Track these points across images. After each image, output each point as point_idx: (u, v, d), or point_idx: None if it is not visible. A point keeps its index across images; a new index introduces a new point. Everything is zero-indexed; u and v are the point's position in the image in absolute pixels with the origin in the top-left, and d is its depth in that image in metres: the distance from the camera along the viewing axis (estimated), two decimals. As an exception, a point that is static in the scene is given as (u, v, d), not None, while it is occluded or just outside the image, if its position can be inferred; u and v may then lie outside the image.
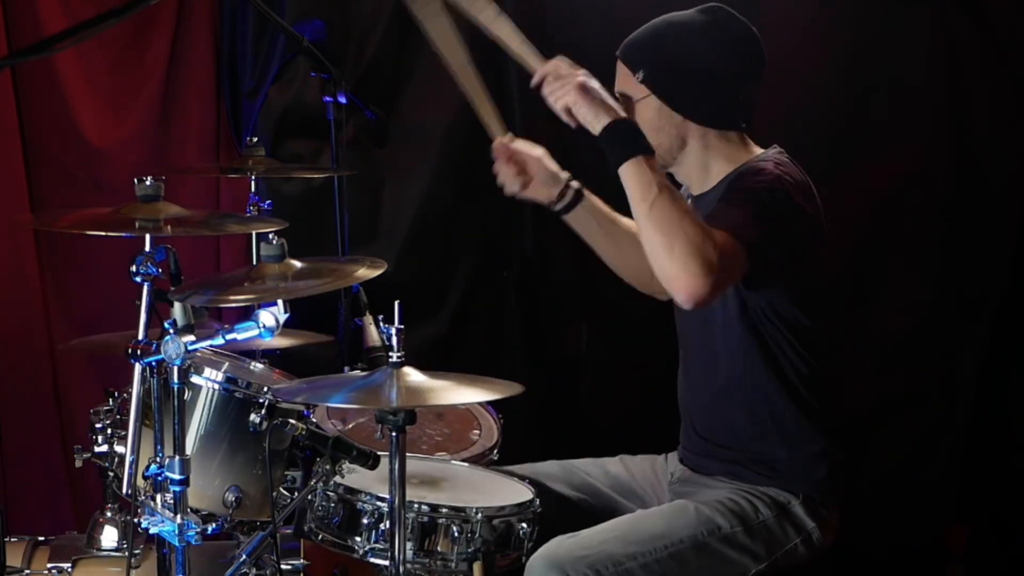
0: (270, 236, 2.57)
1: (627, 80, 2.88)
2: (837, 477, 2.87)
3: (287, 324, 2.37)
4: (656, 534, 2.73)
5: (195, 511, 2.53)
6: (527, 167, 3.08)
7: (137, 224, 2.82)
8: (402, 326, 2.52)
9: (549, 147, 4.32)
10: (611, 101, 2.72)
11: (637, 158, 2.63)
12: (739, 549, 2.77)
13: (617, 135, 2.67)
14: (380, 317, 2.85)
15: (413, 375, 2.54)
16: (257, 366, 3.14)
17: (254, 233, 3.69)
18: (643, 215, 2.60)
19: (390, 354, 2.55)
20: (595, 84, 2.73)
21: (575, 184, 3.10)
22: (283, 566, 2.99)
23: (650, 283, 3.06)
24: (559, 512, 2.92)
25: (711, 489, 2.87)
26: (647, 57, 2.85)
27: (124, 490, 2.76)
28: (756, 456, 2.86)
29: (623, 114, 2.70)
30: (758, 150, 2.90)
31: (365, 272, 2.66)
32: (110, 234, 2.85)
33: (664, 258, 2.56)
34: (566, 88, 2.72)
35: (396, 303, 2.53)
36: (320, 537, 2.80)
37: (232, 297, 2.62)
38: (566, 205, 3.10)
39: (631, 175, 2.63)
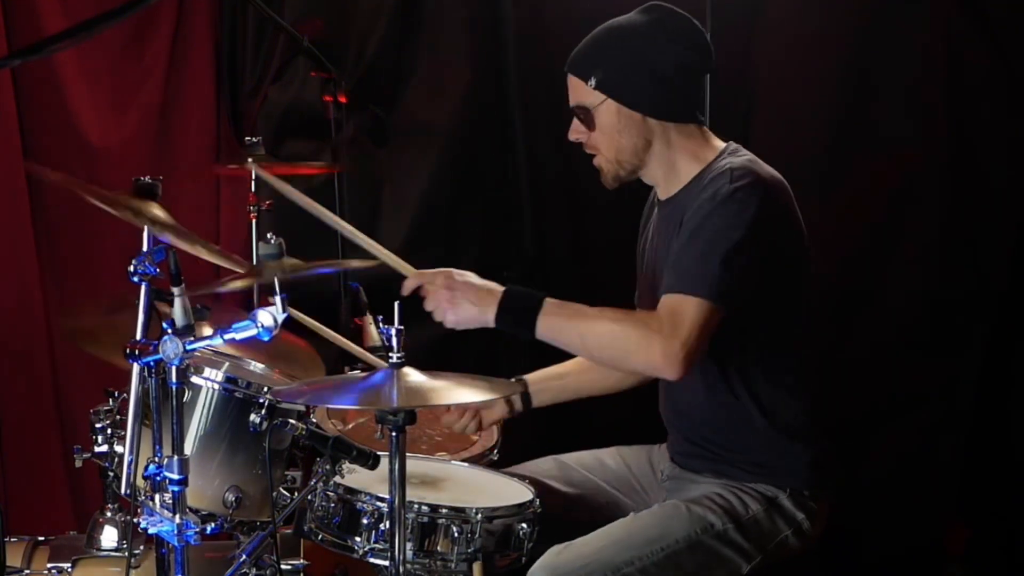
0: (269, 236, 2.57)
1: (580, 91, 2.88)
2: (822, 471, 2.87)
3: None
4: (651, 537, 2.74)
5: (195, 511, 2.53)
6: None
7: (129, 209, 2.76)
8: (402, 326, 2.52)
9: (551, 145, 4.37)
10: (481, 289, 2.77)
11: (539, 320, 2.72)
12: (732, 546, 2.77)
13: (510, 315, 2.75)
14: (380, 317, 2.84)
15: (413, 375, 2.54)
16: (257, 366, 3.14)
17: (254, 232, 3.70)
18: (585, 352, 2.79)
19: (390, 354, 2.54)
20: (458, 280, 2.77)
21: (512, 380, 3.14)
22: (283, 566, 2.99)
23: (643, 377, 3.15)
24: (558, 510, 2.92)
25: (700, 485, 2.89)
26: (595, 63, 2.86)
27: (124, 490, 2.75)
28: (741, 456, 2.87)
29: (497, 288, 2.76)
30: (720, 144, 2.89)
31: (359, 263, 2.65)
32: (98, 204, 2.79)
33: (631, 363, 2.75)
34: (438, 305, 2.76)
35: (396, 303, 2.53)
36: (320, 537, 2.79)
37: (230, 285, 2.60)
38: (524, 403, 3.16)
39: (547, 331, 2.73)
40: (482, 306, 2.75)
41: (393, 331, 2.53)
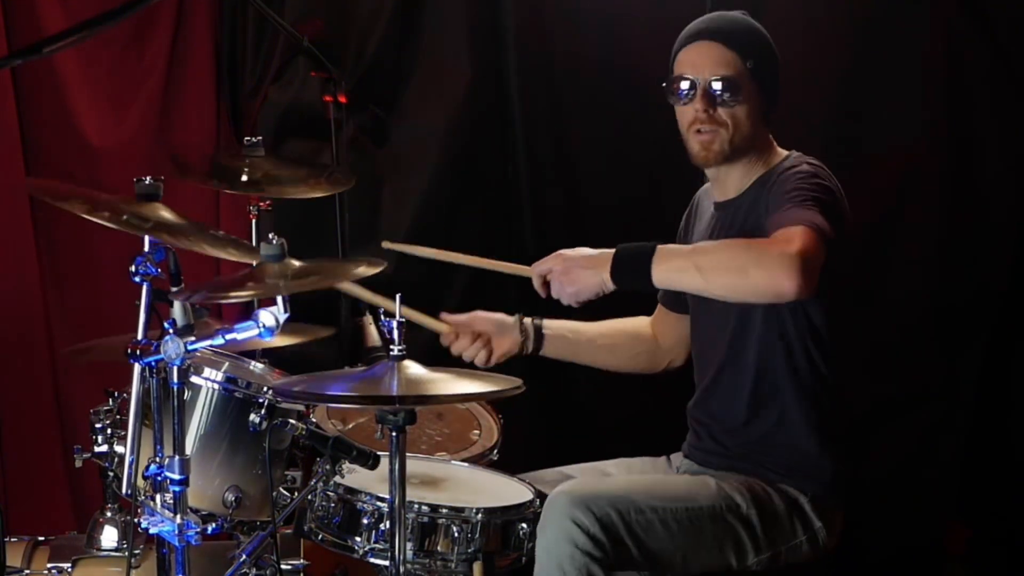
0: (271, 236, 2.57)
1: (734, 66, 2.89)
2: (843, 480, 2.89)
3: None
4: (678, 495, 2.76)
5: (195, 511, 2.53)
6: (479, 330, 3.11)
7: (124, 217, 2.78)
8: (403, 319, 2.52)
9: (551, 145, 4.36)
10: (593, 251, 2.79)
11: (652, 265, 2.67)
12: (749, 530, 2.79)
13: (623, 268, 2.72)
14: (381, 310, 2.84)
15: (413, 367, 2.54)
16: (257, 366, 3.14)
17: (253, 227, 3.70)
18: (705, 285, 2.67)
19: (391, 347, 2.54)
20: (572, 254, 2.80)
21: (529, 321, 3.13)
22: (283, 566, 2.99)
23: (654, 364, 3.21)
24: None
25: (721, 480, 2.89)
26: (752, 48, 2.90)
27: (124, 490, 2.75)
28: (768, 457, 2.88)
29: (609, 251, 2.75)
30: (782, 151, 2.96)
31: (365, 270, 2.66)
32: (96, 220, 2.81)
33: (751, 279, 2.60)
34: (558, 286, 2.80)
35: (397, 295, 2.54)
36: (320, 537, 2.80)
37: (232, 294, 2.62)
38: (535, 343, 3.13)
39: (664, 276, 2.69)
40: (596, 269, 2.75)
41: (394, 324, 2.53)
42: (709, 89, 2.87)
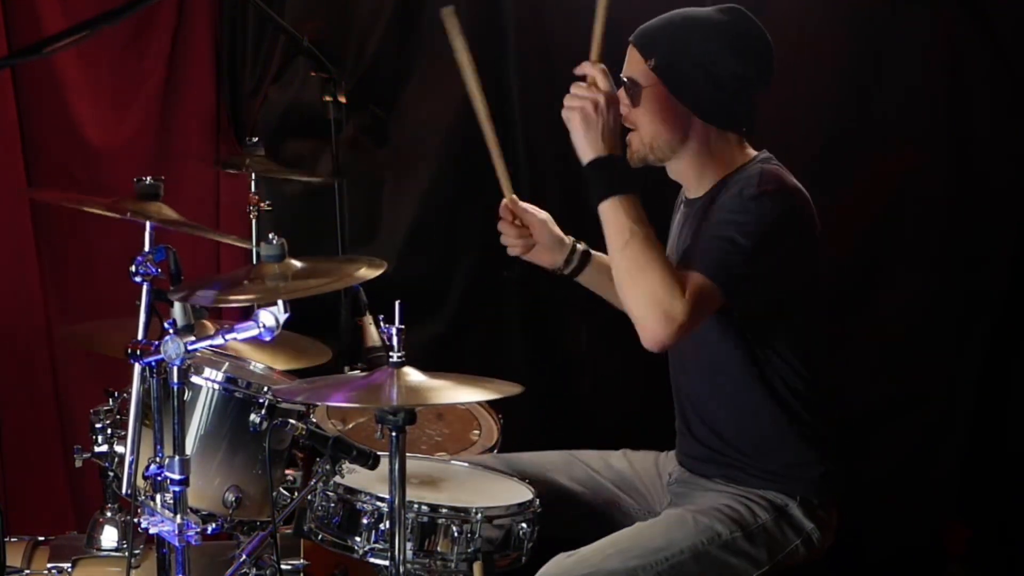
0: (271, 236, 2.57)
1: (637, 65, 2.86)
2: (833, 478, 2.87)
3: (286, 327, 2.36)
4: (656, 547, 2.73)
5: (195, 511, 2.53)
6: (532, 229, 3.06)
7: (129, 213, 2.82)
8: (402, 326, 2.53)
9: (551, 145, 4.36)
10: (612, 135, 2.71)
11: (615, 199, 2.66)
12: (739, 555, 2.77)
13: (600, 172, 2.69)
14: (380, 317, 2.84)
15: (413, 375, 2.54)
16: (257, 366, 3.14)
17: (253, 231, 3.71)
18: (615, 256, 2.69)
19: (390, 354, 2.55)
20: (607, 113, 2.70)
21: (581, 247, 3.09)
22: (283, 566, 2.99)
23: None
24: (559, 503, 2.93)
25: (709, 492, 2.88)
26: (661, 46, 2.84)
27: (124, 490, 2.76)
28: (751, 460, 2.86)
29: (615, 151, 2.70)
30: (752, 152, 2.90)
31: (365, 272, 2.66)
32: (104, 213, 2.85)
33: (629, 301, 2.66)
34: (575, 106, 2.72)
35: (396, 303, 2.53)
36: (320, 537, 2.80)
37: (232, 297, 2.62)
38: (573, 269, 3.10)
39: (608, 215, 2.68)
40: (596, 145, 2.69)
41: (393, 330, 2.53)
42: (621, 90, 2.85)
